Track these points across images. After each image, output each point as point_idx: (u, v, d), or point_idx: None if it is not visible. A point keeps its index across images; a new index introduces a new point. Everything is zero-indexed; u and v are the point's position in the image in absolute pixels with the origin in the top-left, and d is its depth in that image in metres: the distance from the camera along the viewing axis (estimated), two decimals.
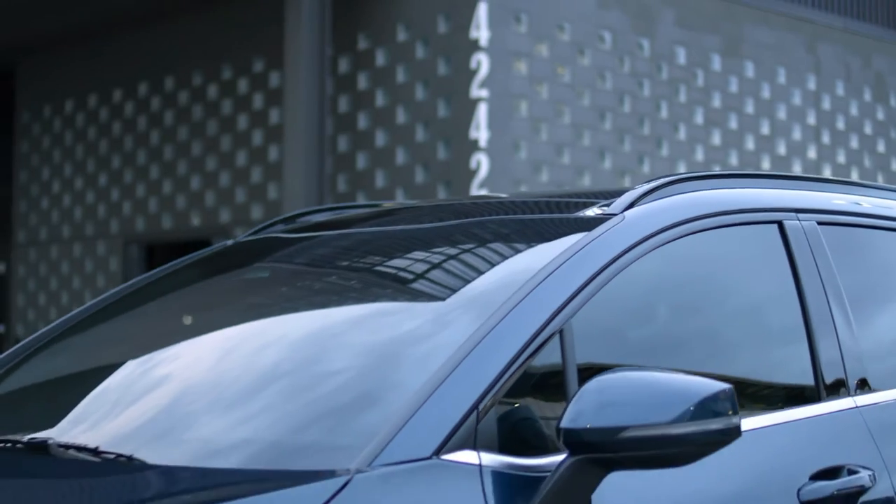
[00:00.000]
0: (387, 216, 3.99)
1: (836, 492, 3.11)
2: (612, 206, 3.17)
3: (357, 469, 2.45)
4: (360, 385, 2.80)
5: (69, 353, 3.72)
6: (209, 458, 2.70)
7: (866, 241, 3.83)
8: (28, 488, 2.63)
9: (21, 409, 3.48)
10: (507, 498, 2.53)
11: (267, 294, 3.60)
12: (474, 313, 2.80)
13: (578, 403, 2.53)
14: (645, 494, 2.75)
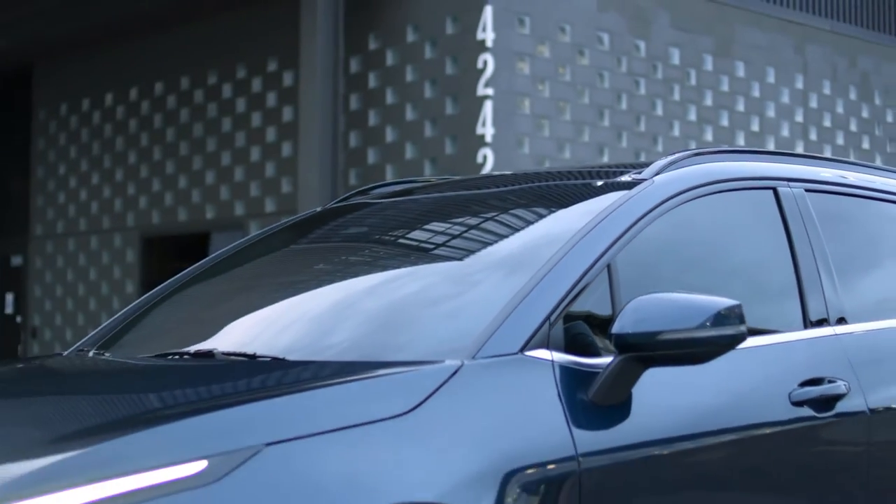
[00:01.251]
0: (451, 186, 4.80)
1: (819, 395, 3.95)
2: (644, 173, 4.01)
3: (464, 360, 3.28)
4: (464, 302, 3.62)
5: (206, 292, 4.53)
6: (345, 355, 3.51)
7: (849, 206, 4.68)
8: (208, 380, 3.41)
9: (177, 334, 4.28)
10: (572, 386, 3.35)
11: (366, 242, 4.41)
12: (545, 249, 3.62)
13: (624, 315, 3.36)
14: (672, 389, 3.57)
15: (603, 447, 3.34)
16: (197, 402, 3.09)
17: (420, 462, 2.98)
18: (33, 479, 2.66)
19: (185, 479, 2.72)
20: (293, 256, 4.60)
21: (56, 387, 3.65)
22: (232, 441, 2.79)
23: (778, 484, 3.88)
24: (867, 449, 4.12)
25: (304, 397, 3.05)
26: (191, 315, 4.43)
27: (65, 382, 3.71)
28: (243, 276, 4.56)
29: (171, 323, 4.41)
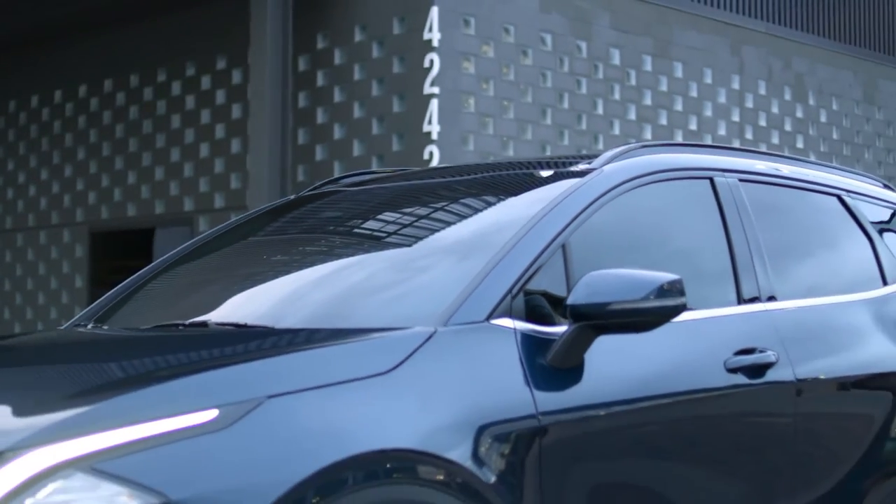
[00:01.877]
0: (416, 175, 5.20)
1: (751, 363, 4.38)
2: (594, 163, 4.44)
3: (437, 327, 3.67)
4: (435, 277, 4.02)
5: (193, 271, 4.90)
6: (327, 323, 3.90)
7: (779, 197, 5.12)
8: (208, 345, 3.78)
9: (169, 309, 4.64)
10: (531, 351, 3.75)
11: (341, 225, 4.80)
12: (507, 231, 4.03)
13: (578, 288, 3.77)
14: (620, 357, 3.97)
15: (559, 407, 3.75)
16: (203, 362, 3.46)
17: (400, 414, 3.37)
18: (67, 425, 3.01)
19: (199, 425, 3.09)
20: (273, 238, 4.99)
21: (68, 353, 4.00)
22: (239, 393, 3.17)
23: (714, 442, 4.30)
24: (794, 411, 4.55)
25: (299, 357, 3.43)
26: (180, 292, 4.80)
27: (76, 349, 4.06)
28: (227, 256, 4.95)
29: (162, 299, 4.78)
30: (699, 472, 4.18)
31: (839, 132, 21.20)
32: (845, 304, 5.05)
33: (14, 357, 3.98)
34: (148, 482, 2.93)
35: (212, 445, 3.04)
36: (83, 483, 2.91)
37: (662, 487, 4.04)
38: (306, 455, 3.12)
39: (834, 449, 4.68)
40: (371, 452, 3.24)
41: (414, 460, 3.33)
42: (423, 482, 3.33)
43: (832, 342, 4.85)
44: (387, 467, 3.25)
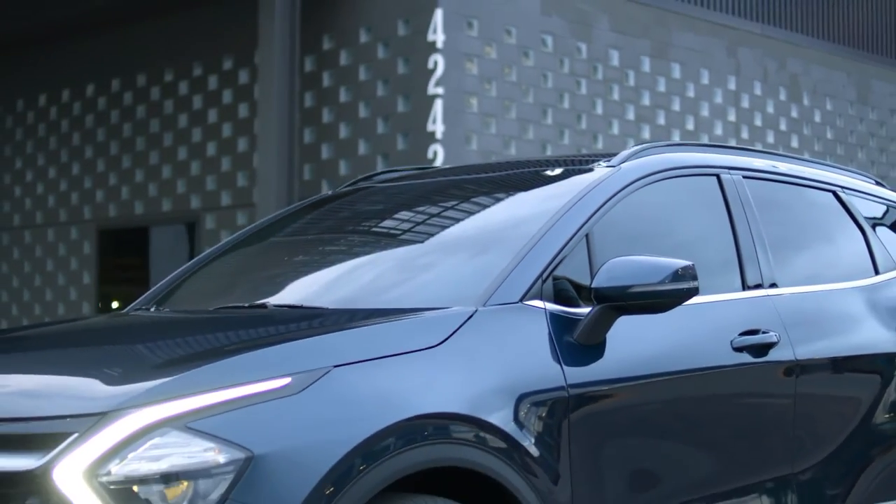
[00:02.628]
0: (447, 172, 5.61)
1: (756, 343, 4.79)
2: (613, 161, 4.85)
3: (477, 307, 4.07)
4: (474, 264, 4.42)
5: (242, 259, 5.31)
6: (375, 304, 4.30)
7: (780, 193, 5.54)
8: (274, 323, 4.18)
9: (226, 293, 5.05)
10: (560, 329, 4.16)
11: (381, 218, 5.21)
12: (536, 222, 4.43)
13: (601, 273, 4.18)
14: (639, 336, 4.38)
15: (584, 380, 4.16)
16: (275, 336, 3.87)
17: (448, 383, 3.78)
18: (163, 389, 3.41)
19: (275, 390, 3.49)
20: (316, 229, 5.40)
21: (148, 331, 4.39)
22: (309, 363, 3.57)
23: (722, 412, 4.73)
24: (794, 387, 4.97)
25: (360, 332, 3.85)
26: (234, 278, 5.22)
27: (154, 327, 4.45)
28: (276, 245, 5.37)
29: (217, 285, 5.19)
30: (709, 440, 4.60)
31: (833, 132, 21.54)
32: (841, 291, 5.48)
33: (98, 335, 4.37)
34: (233, 438, 3.32)
35: (286, 408, 3.43)
36: (177, 439, 3.30)
37: (676, 453, 4.45)
38: (368, 417, 3.53)
39: (829, 421, 5.11)
40: (424, 415, 3.64)
41: (461, 423, 3.73)
42: (469, 443, 3.73)
43: (828, 325, 5.27)
44: (438, 429, 3.66)
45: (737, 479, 4.67)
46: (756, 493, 4.71)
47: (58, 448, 3.26)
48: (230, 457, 3.28)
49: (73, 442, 3.26)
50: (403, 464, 3.53)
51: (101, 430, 3.26)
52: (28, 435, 3.32)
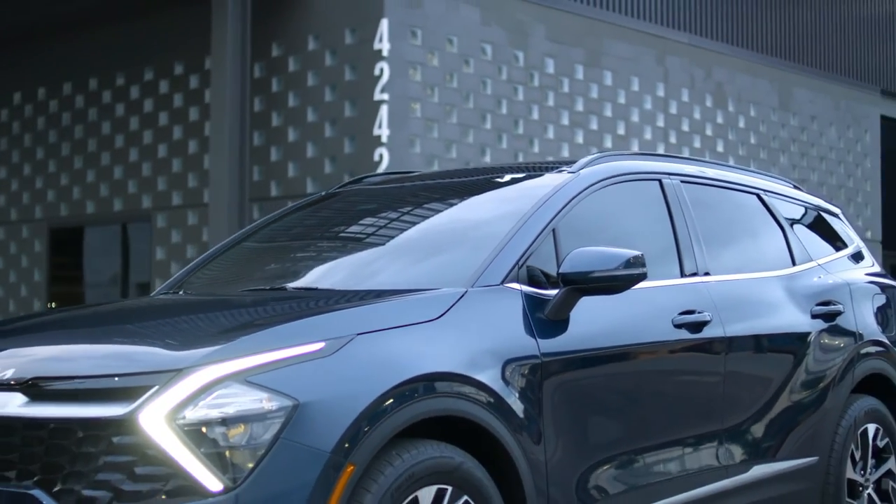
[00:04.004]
0: (429, 176, 6.42)
1: (692, 321, 5.64)
2: (573, 168, 5.67)
3: (468, 288, 4.88)
4: (463, 253, 5.21)
5: (254, 250, 6.08)
6: (381, 286, 5.09)
7: (712, 195, 6.38)
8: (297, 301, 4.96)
9: (243, 279, 5.82)
10: (533, 307, 4.97)
11: (373, 215, 5.98)
12: (512, 218, 5.24)
13: (567, 261, 5.00)
14: (596, 314, 5.20)
15: (553, 350, 4.98)
16: (306, 311, 4.65)
17: (444, 349, 4.58)
18: (226, 351, 4.18)
19: (313, 352, 4.27)
20: (315, 224, 6.18)
21: (192, 308, 5.13)
22: (338, 331, 4.36)
23: (665, 376, 5.57)
24: (724, 358, 5.83)
25: (376, 307, 4.64)
26: (249, 266, 5.99)
27: (197, 306, 5.20)
28: (280, 238, 6.14)
29: (235, 272, 5.95)
30: (654, 400, 5.42)
31: (756, 137, 22.37)
32: (763, 279, 6.35)
33: (149, 312, 5.11)
34: (282, 389, 4.08)
35: (322, 366, 4.20)
36: (238, 390, 4.05)
37: (628, 410, 5.26)
38: (384, 374, 4.30)
39: (752, 387, 5.97)
40: (428, 374, 4.42)
41: (457, 379, 4.51)
42: (463, 396, 4.50)
43: (753, 308, 6.13)
44: (439, 385, 4.44)
45: (676, 431, 5.50)
46: (692, 444, 5.55)
47: (142, 398, 4.01)
48: (280, 404, 4.06)
49: (154, 393, 4.01)
50: (413, 412, 4.32)
51: (177, 384, 4.02)
52: (117, 388, 4.07)
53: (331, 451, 4.09)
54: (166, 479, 3.98)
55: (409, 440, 4.38)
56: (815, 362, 6.35)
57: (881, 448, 6.72)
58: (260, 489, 3.97)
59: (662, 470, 5.41)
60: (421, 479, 4.33)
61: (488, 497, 4.52)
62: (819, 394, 6.32)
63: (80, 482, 4.03)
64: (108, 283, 20.43)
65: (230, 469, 3.99)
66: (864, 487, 6.58)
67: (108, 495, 3.98)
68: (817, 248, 6.94)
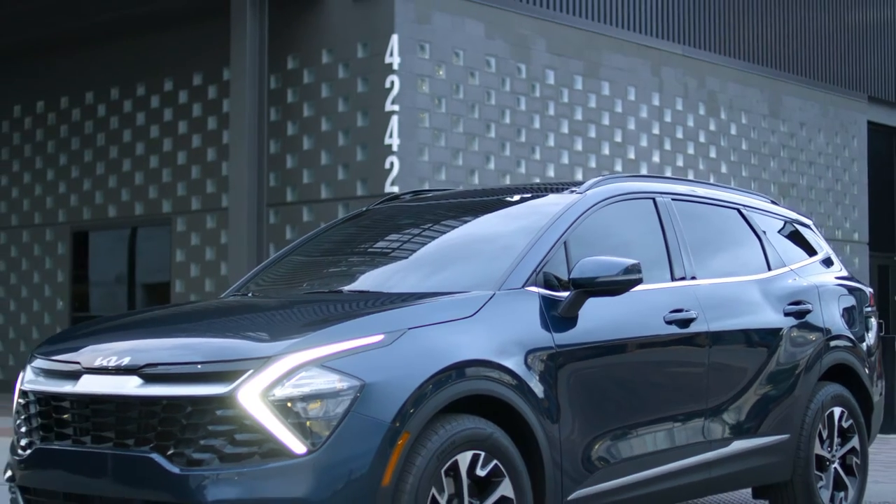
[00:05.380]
0: (458, 195, 7.42)
1: (681, 318, 6.63)
2: (580, 189, 6.66)
3: (495, 291, 5.86)
4: (491, 261, 6.16)
5: (304, 259, 7.07)
6: (422, 289, 6.06)
7: (698, 210, 7.38)
8: (355, 302, 5.94)
9: (303, 284, 6.81)
10: (548, 307, 5.93)
11: (412, 228, 6.96)
12: (531, 232, 6.20)
13: (576, 268, 5.99)
14: (600, 310, 6.19)
15: (565, 342, 5.95)
16: (366, 309, 5.64)
17: (479, 340, 5.56)
18: (306, 342, 5.12)
19: (375, 343, 5.23)
20: (360, 235, 7.17)
21: (268, 307, 6.09)
22: (394, 326, 5.33)
23: (657, 365, 6.57)
24: (708, 350, 6.83)
25: (423, 306, 5.61)
26: (306, 272, 6.97)
27: (270, 305, 6.17)
28: (329, 248, 7.12)
29: (291, 278, 6.94)
30: (649, 383, 6.40)
31: (748, 143, 23.24)
32: (742, 282, 7.34)
33: (233, 310, 6.08)
34: (351, 372, 5.02)
35: (381, 354, 5.16)
36: (316, 373, 5.00)
37: (627, 392, 6.24)
38: (431, 360, 5.24)
39: (731, 373, 6.96)
40: (464, 360, 5.39)
41: (488, 365, 5.46)
42: (493, 379, 5.44)
43: (733, 307, 7.12)
44: (474, 370, 5.39)
45: (667, 410, 6.48)
46: (681, 421, 6.53)
47: (240, 379, 4.98)
48: (350, 384, 5.02)
49: (249, 375, 4.98)
50: (454, 391, 5.27)
51: (267, 368, 4.99)
52: (218, 372, 5.03)
53: (390, 421, 5.07)
54: (260, 443, 4.96)
55: (451, 414, 5.36)
56: (787, 354, 7.36)
57: (846, 428, 7.75)
58: (335, 452, 4.96)
59: (655, 443, 6.40)
60: (460, 445, 5.30)
61: (513, 462, 5.50)
62: (791, 381, 7.33)
63: (189, 447, 5.01)
64: (129, 283, 21.29)
65: (310, 436, 4.97)
66: (831, 462, 7.61)
67: (213, 457, 4.97)
68: (790, 255, 7.95)
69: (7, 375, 22.60)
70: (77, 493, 5.33)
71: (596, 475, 6.03)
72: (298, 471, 4.95)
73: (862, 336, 8.12)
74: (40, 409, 5.55)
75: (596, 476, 6.03)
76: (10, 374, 22.53)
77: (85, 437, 5.32)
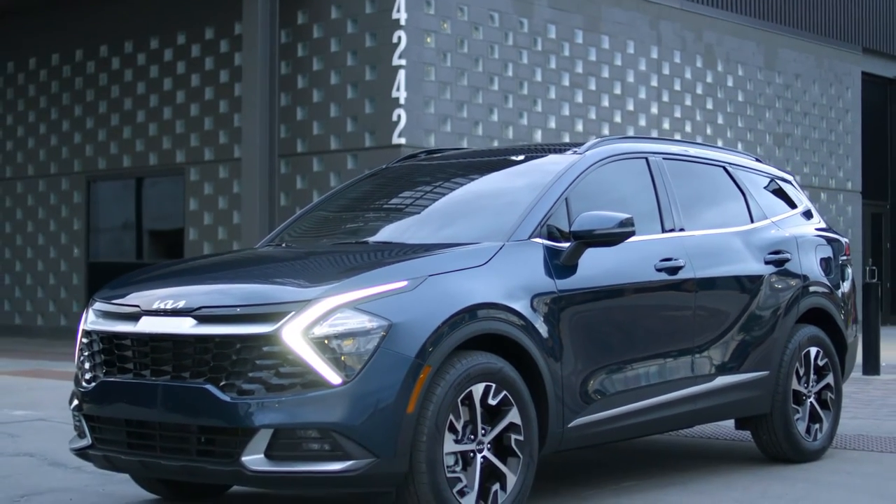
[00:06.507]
0: (471, 154, 8.13)
1: (670, 266, 7.32)
2: (580, 150, 7.35)
3: (504, 242, 6.56)
4: (500, 214, 6.85)
5: (335, 211, 7.76)
6: (438, 240, 6.74)
7: (687, 168, 8.08)
8: (380, 252, 6.63)
9: (331, 235, 7.52)
10: (551, 256, 6.61)
11: (429, 183, 7.64)
12: (536, 189, 6.88)
13: (576, 222, 6.69)
14: (598, 261, 6.89)
15: (566, 287, 6.64)
16: (391, 258, 6.34)
17: (491, 286, 6.24)
18: (341, 286, 5.78)
19: (400, 288, 5.90)
20: (380, 191, 7.87)
21: (303, 256, 6.77)
22: (416, 273, 6.01)
23: (649, 308, 7.29)
24: (695, 294, 7.54)
25: (441, 255, 6.28)
26: (333, 225, 7.68)
27: (304, 255, 6.85)
28: (354, 203, 7.79)
29: (320, 230, 7.64)
30: (641, 324, 7.08)
31: (744, 95, 23.84)
32: (726, 234, 8.02)
33: (273, 259, 6.79)
34: (380, 313, 5.68)
35: (406, 298, 5.82)
36: (349, 314, 5.67)
37: (622, 331, 6.91)
38: (449, 304, 5.88)
39: (716, 316, 7.64)
40: (478, 303, 6.04)
41: (498, 308, 6.12)
42: (503, 320, 6.11)
43: (718, 256, 7.79)
44: (485, 311, 6.05)
45: (658, 348, 7.16)
46: (673, 356, 7.23)
47: (283, 320, 5.66)
48: (379, 324, 5.71)
49: (291, 316, 5.66)
50: (469, 330, 5.95)
51: (307, 310, 5.67)
52: (264, 313, 5.73)
53: (414, 356, 5.78)
54: (301, 375, 5.67)
55: (466, 351, 6.05)
56: (767, 298, 8.05)
57: (821, 366, 8.46)
58: (366, 383, 5.68)
59: (646, 378, 7.11)
60: (474, 378, 6.00)
61: (520, 393, 6.22)
62: (770, 323, 8.03)
63: (239, 379, 5.72)
64: (142, 231, 21.95)
65: (345, 369, 5.68)
66: (807, 397, 8.34)
67: (260, 387, 5.69)
68: (772, 209, 8.63)
69: (24, 321, 23.34)
70: (138, 420, 6.07)
71: (593, 406, 6.75)
72: (335, 399, 5.67)
73: (838, 283, 8.84)
74: (103, 347, 6.27)
75: (593, 406, 6.75)
76: (28, 319, 23.28)
77: (145, 371, 6.04)
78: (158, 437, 5.99)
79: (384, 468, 5.75)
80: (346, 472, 5.69)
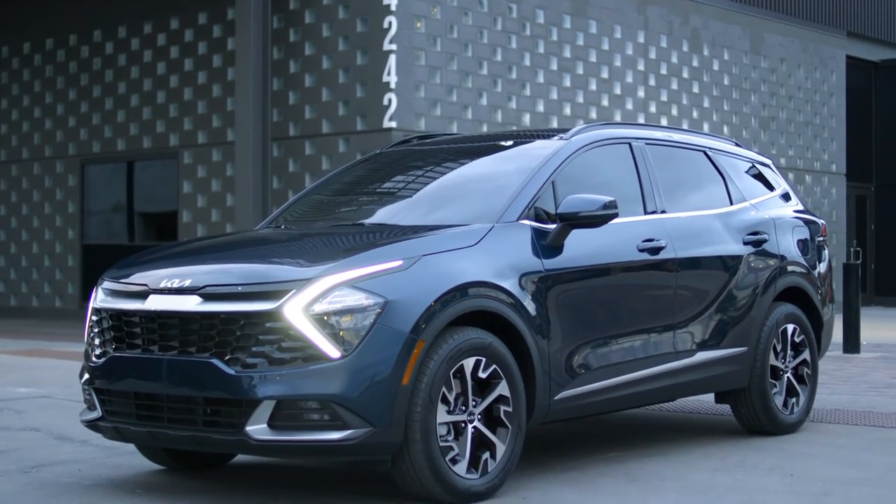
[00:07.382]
0: (461, 139, 8.44)
1: (652, 246, 7.64)
2: (566, 135, 7.66)
3: (494, 223, 6.87)
4: (490, 197, 7.14)
5: (331, 195, 8.07)
6: (432, 222, 7.05)
7: (668, 153, 8.41)
8: (375, 233, 6.93)
9: (328, 218, 7.84)
10: (539, 237, 6.92)
11: (422, 168, 7.95)
12: (524, 173, 7.19)
13: (562, 204, 7.01)
14: (583, 242, 7.22)
15: (553, 267, 6.95)
16: (386, 239, 6.67)
17: (481, 265, 6.55)
18: (338, 266, 6.08)
19: (395, 267, 6.21)
20: (375, 176, 8.19)
21: (302, 237, 7.09)
22: (410, 253, 6.32)
23: (632, 287, 7.62)
24: (676, 273, 7.88)
25: (434, 236, 6.58)
26: (329, 208, 7.99)
27: (303, 235, 7.15)
28: (350, 186, 8.10)
29: (316, 212, 7.95)
30: (625, 302, 7.40)
31: (729, 78, 24.13)
32: (706, 216, 8.34)
33: (273, 239, 7.10)
34: (377, 291, 5.99)
35: (401, 277, 6.10)
36: (347, 292, 5.99)
37: (606, 309, 7.22)
38: (441, 282, 6.14)
39: (695, 294, 7.97)
40: (469, 282, 6.32)
41: (488, 286, 6.40)
42: (493, 298, 6.40)
43: (698, 237, 8.11)
44: (476, 289, 6.33)
45: (640, 325, 7.49)
46: (655, 332, 7.55)
47: (285, 297, 5.97)
48: (375, 301, 6.02)
49: (293, 294, 5.97)
50: (461, 307, 6.26)
51: (308, 288, 5.98)
52: (267, 291, 6.03)
53: (409, 331, 6.09)
54: (302, 350, 5.98)
55: (458, 327, 6.36)
56: (745, 277, 8.39)
57: (798, 343, 8.81)
58: (363, 357, 6.00)
59: (629, 353, 7.44)
60: (465, 352, 6.32)
61: (509, 367, 6.54)
62: (748, 301, 8.37)
63: (243, 353, 6.03)
64: (136, 213, 22.22)
65: (343, 344, 6.00)
66: (784, 372, 8.69)
67: (263, 361, 6.01)
68: (751, 192, 8.96)
69: (20, 302, 23.64)
70: (146, 393, 6.39)
71: (578, 379, 7.08)
72: (334, 372, 6.00)
73: (814, 263, 9.19)
74: (112, 324, 6.59)
75: (578, 380, 7.08)
76: (24, 300, 23.57)
77: (153, 347, 6.37)
78: (166, 408, 6.31)
79: (381, 437, 6.07)
80: (344, 440, 6.02)
